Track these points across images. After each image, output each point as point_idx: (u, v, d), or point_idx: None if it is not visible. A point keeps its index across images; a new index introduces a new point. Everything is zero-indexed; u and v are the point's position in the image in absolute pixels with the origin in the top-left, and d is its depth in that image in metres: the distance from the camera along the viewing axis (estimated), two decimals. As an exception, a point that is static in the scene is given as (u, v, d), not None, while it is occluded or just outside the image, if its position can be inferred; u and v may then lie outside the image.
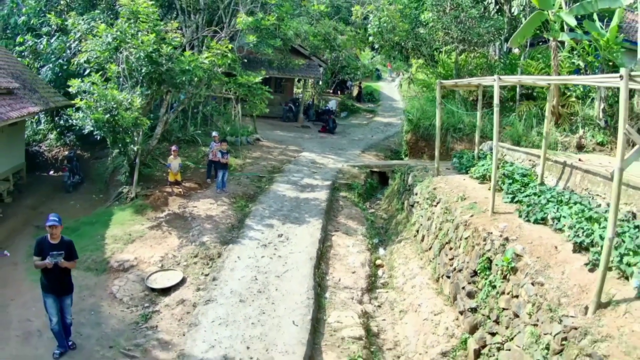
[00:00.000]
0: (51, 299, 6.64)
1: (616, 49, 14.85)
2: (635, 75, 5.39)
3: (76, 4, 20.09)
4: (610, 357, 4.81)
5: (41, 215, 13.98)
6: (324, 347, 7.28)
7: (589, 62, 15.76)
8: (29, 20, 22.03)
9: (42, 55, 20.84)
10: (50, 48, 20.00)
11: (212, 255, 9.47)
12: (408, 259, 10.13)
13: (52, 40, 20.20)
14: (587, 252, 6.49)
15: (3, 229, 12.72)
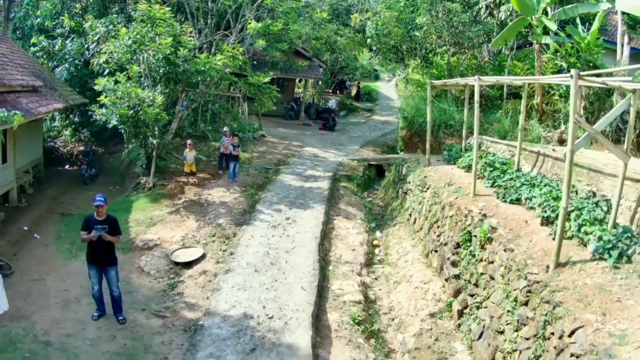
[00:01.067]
0: (94, 270, 7.60)
1: (597, 50, 16.04)
2: (584, 75, 6.58)
3: (91, 7, 21.20)
4: (564, 303, 5.99)
5: (62, 204, 15.14)
6: (328, 308, 8.47)
7: (572, 63, 16.94)
8: (43, 23, 23.14)
9: (56, 56, 21.91)
10: (65, 49, 21.09)
11: (228, 234, 10.66)
12: (402, 239, 11.33)
13: (67, 41, 21.30)
14: (552, 224, 7.68)
15: (29, 216, 13.82)
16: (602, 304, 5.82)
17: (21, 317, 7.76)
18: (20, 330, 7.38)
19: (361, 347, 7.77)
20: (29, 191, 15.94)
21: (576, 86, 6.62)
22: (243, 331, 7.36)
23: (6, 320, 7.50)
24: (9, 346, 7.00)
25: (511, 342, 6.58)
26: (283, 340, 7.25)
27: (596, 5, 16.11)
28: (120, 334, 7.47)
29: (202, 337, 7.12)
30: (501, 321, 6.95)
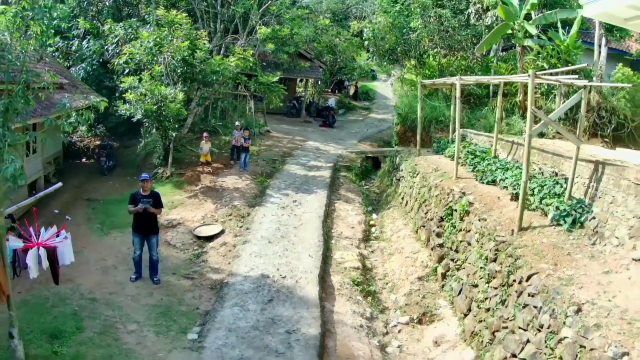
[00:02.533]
0: (138, 237, 9.01)
1: (576, 52, 17.55)
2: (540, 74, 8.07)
3: (105, 10, 22.55)
4: (524, 257, 7.47)
5: (86, 192, 16.53)
6: (332, 272, 9.96)
7: (552, 64, 18.45)
8: (59, 25, 24.52)
9: (71, 56, 23.26)
10: (82, 49, 22.45)
11: (243, 214, 12.14)
12: (395, 219, 12.83)
13: (83, 42, 22.66)
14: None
15: (58, 202, 15.20)
16: (554, 257, 7.31)
17: (67, 281, 9.10)
18: (68, 291, 8.77)
19: (360, 302, 9.26)
20: (52, 180, 17.33)
21: (533, 83, 8.12)
22: (261, 287, 8.85)
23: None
24: (60, 302, 8.37)
25: (483, 292, 8.06)
26: (295, 294, 8.74)
27: (574, 11, 17.60)
28: (157, 291, 8.93)
29: (228, 291, 8.61)
30: (475, 277, 8.44)
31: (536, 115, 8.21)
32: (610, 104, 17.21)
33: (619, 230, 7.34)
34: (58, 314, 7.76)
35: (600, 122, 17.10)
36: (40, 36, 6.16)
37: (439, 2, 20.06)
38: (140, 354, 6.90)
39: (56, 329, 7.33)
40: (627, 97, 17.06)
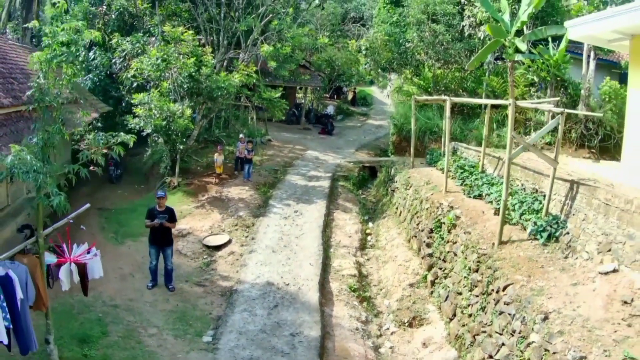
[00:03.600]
0: (154, 249, 9.91)
1: (565, 66, 18.39)
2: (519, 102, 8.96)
3: (112, 23, 23.33)
4: (502, 269, 8.38)
5: (97, 200, 17.37)
6: (330, 279, 10.87)
7: (542, 77, 19.34)
8: None
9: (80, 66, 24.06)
10: (88, 61, 23.23)
11: (248, 224, 13.03)
12: (389, 228, 13.73)
13: (90, 53, 23.46)
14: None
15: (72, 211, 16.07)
16: (529, 269, 8.21)
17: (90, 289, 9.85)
18: (91, 298, 9.61)
19: (356, 307, 10.18)
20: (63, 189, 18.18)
21: (513, 109, 9.02)
22: (267, 294, 9.75)
23: (78, 291, 9.77)
24: (85, 309, 9.24)
25: (466, 300, 8.97)
26: (298, 300, 9.64)
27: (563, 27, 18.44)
28: (172, 298, 9.82)
29: (237, 298, 9.51)
30: (460, 285, 9.34)
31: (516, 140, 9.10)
32: (597, 117, 17.97)
33: (589, 245, 8.24)
34: (84, 320, 8.63)
35: (588, 134, 17.84)
36: (71, 77, 6.97)
37: (433, 18, 20.92)
38: (162, 355, 7.80)
39: (84, 334, 8.20)
40: (614, 109, 17.77)
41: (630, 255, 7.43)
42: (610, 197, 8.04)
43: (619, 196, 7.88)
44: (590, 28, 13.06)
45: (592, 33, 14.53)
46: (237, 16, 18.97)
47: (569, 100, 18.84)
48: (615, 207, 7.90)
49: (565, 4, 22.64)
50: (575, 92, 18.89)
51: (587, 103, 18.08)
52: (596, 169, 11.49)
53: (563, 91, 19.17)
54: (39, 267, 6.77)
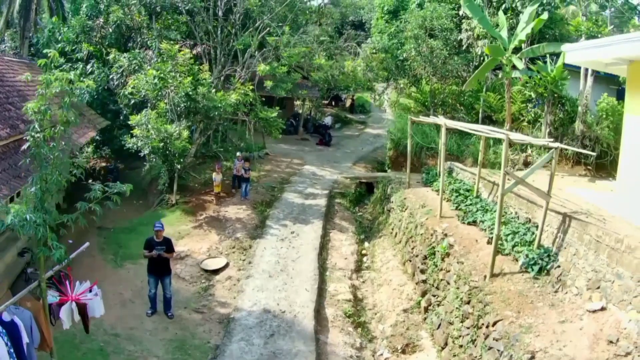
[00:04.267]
0: (153, 278, 10.08)
1: (562, 82, 18.50)
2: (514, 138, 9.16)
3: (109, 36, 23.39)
4: (492, 303, 8.57)
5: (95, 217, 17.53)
6: (326, 304, 11.05)
7: (539, 93, 19.47)
8: (64, 48, 25.40)
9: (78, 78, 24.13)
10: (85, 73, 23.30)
11: (245, 246, 13.21)
12: (385, 249, 13.92)
13: (88, 66, 23.54)
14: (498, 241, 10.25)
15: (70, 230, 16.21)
16: (519, 304, 8.39)
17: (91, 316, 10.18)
18: (93, 326, 9.76)
19: (351, 334, 10.36)
20: (63, 206, 18.31)
21: (507, 145, 9.21)
22: (264, 322, 9.93)
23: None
24: (86, 339, 9.34)
25: (457, 330, 9.16)
26: (293, 328, 9.82)
27: (560, 45, 18.57)
28: (171, 326, 10.00)
29: (235, 326, 9.68)
30: (452, 315, 9.53)
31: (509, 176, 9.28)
32: (594, 133, 18.03)
33: (578, 281, 8.42)
34: (87, 351, 8.81)
35: None
36: (66, 126, 7.08)
37: (431, 32, 21.10)
38: (160, 388, 7.97)
39: (86, 364, 8.38)
40: (611, 126, 17.87)
41: (618, 294, 7.62)
42: (601, 234, 8.21)
43: (610, 234, 8.05)
44: (588, 54, 13.23)
45: (590, 59, 14.70)
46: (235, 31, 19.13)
47: (565, 117, 19.00)
48: (605, 245, 8.08)
49: (564, 10, 22.70)
50: (573, 109, 19.01)
51: (584, 120, 18.22)
52: (590, 194, 11.60)
53: (560, 107, 19.31)
54: (42, 311, 6.94)
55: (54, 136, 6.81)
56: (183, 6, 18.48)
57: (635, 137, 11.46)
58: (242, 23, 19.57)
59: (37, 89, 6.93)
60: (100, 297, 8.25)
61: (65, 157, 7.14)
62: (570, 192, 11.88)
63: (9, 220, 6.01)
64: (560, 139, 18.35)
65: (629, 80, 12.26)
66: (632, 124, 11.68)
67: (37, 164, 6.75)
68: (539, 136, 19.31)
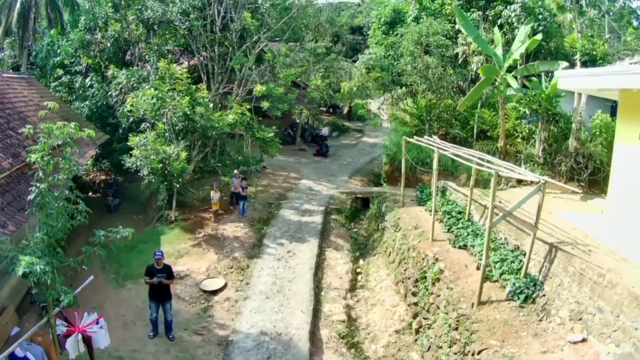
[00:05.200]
0: (154, 303, 10.46)
1: (557, 99, 18.81)
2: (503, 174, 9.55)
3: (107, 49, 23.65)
4: (478, 332, 8.96)
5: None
6: (321, 326, 11.45)
7: (534, 110, 19.80)
8: (62, 60, 25.69)
9: (76, 91, 24.37)
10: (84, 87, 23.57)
11: (243, 266, 13.59)
12: (379, 268, 14.31)
13: (87, 80, 23.80)
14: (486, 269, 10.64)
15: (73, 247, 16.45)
16: (503, 333, 8.79)
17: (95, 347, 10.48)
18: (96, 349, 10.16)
19: (344, 355, 10.75)
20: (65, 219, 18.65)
21: (495, 180, 9.60)
22: (261, 344, 10.31)
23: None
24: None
25: (446, 355, 9.55)
26: (289, 351, 10.21)
27: (555, 63, 18.90)
28: (173, 348, 10.37)
29: (233, 349, 10.07)
30: (441, 340, 9.93)
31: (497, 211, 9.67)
32: (587, 149, 18.31)
33: (562, 311, 8.82)
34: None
35: (578, 167, 18.21)
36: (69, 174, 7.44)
37: (426, 49, 21.47)
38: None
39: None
40: (604, 143, 18.13)
41: (598, 327, 8.02)
42: (585, 267, 8.61)
43: (593, 268, 8.46)
44: (580, 82, 13.64)
45: (581, 87, 15.05)
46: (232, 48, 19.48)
47: (559, 133, 19.29)
48: (588, 278, 8.48)
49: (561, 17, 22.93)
50: (567, 126, 19.28)
51: (577, 137, 18.54)
52: (579, 219, 11.87)
53: (554, 124, 19.57)
54: (52, 345, 7.32)
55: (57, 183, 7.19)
56: (180, 25, 18.78)
57: (625, 165, 11.82)
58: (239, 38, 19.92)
59: (39, 114, 7.34)
60: (106, 330, 8.60)
61: (70, 205, 7.46)
62: (560, 215, 12.21)
63: (20, 272, 6.37)
64: (554, 155, 18.64)
65: (620, 107, 12.58)
66: (623, 151, 12.01)
67: (42, 212, 7.12)
68: (532, 153, 19.65)
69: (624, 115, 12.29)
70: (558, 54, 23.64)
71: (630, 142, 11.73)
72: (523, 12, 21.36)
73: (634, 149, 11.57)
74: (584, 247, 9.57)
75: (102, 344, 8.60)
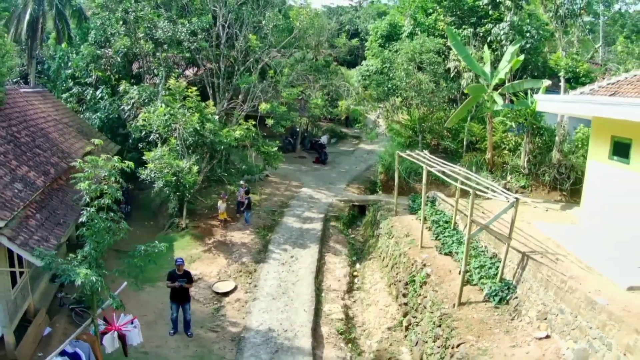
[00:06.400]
0: (175, 304, 11.83)
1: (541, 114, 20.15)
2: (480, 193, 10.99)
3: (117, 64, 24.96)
4: (457, 328, 10.37)
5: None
6: (322, 323, 12.88)
7: (520, 124, 21.19)
8: (73, 73, 26.97)
9: (87, 103, 25.65)
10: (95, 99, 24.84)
11: (250, 270, 15.00)
12: (374, 271, 15.75)
13: (97, 92, 25.04)
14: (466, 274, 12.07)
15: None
16: (479, 330, 10.21)
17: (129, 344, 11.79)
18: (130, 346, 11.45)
19: (342, 349, 12.17)
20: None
21: (473, 197, 11.02)
22: (269, 340, 11.73)
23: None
24: (121, 356, 10.94)
25: (430, 349, 10.97)
26: (294, 345, 11.63)
27: (539, 81, 20.28)
28: (191, 344, 11.75)
29: (245, 344, 11.48)
30: (426, 336, 11.35)
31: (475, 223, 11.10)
32: (570, 161, 19.65)
33: (530, 312, 10.26)
34: (122, 365, 10.54)
35: (560, 178, 19.53)
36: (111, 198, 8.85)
37: (420, 66, 22.89)
38: (186, 399, 9.74)
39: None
40: (586, 155, 19.42)
41: (560, 326, 9.47)
42: (551, 274, 10.05)
43: (557, 275, 9.89)
44: (555, 106, 15.12)
45: (557, 111, 16.49)
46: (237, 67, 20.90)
47: (544, 146, 20.67)
48: (553, 284, 9.92)
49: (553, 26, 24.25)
50: (550, 139, 20.61)
51: (560, 149, 19.93)
52: (554, 229, 13.19)
53: (539, 137, 20.93)
54: (97, 342, 8.72)
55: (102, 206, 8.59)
56: (189, 45, 20.15)
57: (596, 181, 13.27)
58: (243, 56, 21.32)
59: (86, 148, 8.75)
60: (139, 329, 9.98)
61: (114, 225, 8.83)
62: (536, 226, 13.59)
63: (79, 281, 7.73)
64: (538, 166, 20.02)
65: (593, 128, 14.01)
66: (594, 168, 13.47)
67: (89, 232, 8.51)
68: (518, 164, 21.03)
69: (595, 136, 13.73)
70: (546, 69, 25.04)
71: (600, 160, 13.21)
72: (511, 31, 22.74)
73: (603, 167, 13.05)
74: (552, 256, 11.02)
75: (135, 341, 9.97)
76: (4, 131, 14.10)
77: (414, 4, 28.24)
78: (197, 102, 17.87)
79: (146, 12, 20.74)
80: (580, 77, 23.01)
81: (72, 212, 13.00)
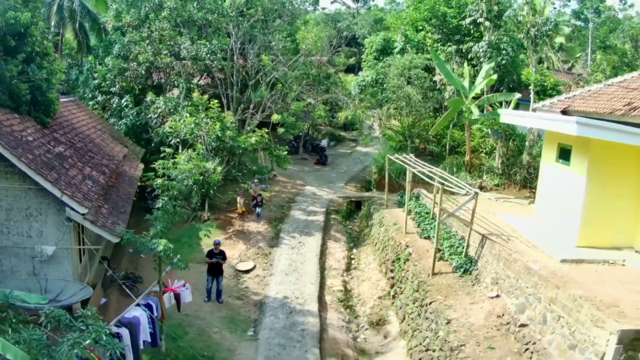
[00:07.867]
0: (210, 277, 14.93)
1: None
2: (447, 183, 14.23)
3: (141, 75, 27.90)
4: (430, 291, 13.57)
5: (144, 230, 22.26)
6: (325, 294, 16.10)
7: (495, 130, 24.39)
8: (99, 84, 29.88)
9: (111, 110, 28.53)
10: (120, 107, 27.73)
11: (266, 253, 18.19)
12: (368, 254, 18.96)
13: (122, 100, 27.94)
14: (439, 252, 15.28)
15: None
16: (447, 292, 13.39)
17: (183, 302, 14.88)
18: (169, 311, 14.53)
19: (342, 313, 15.38)
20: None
21: (442, 190, 14.23)
22: (284, 304, 14.91)
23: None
24: (168, 317, 13.96)
25: (410, 309, 14.16)
26: (304, 309, 14.81)
27: (510, 95, 23.42)
28: (223, 308, 14.92)
29: (266, 308, 14.67)
30: (408, 300, 14.55)
31: (443, 211, 14.32)
32: (538, 163, 22.62)
33: (486, 279, 13.45)
34: (170, 325, 13.63)
35: (529, 177, 22.57)
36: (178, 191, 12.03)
37: (409, 80, 26.14)
38: (224, 344, 12.92)
39: (174, 333, 13.23)
40: None
41: (507, 287, 12.64)
42: (502, 250, 13.24)
43: (506, 250, 13.06)
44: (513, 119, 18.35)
45: (516, 123, 19.69)
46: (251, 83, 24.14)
47: (515, 149, 23.81)
48: (503, 257, 13.09)
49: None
50: (521, 143, 23.71)
51: (530, 152, 23.06)
52: (514, 219, 16.27)
53: (512, 141, 24.05)
54: (162, 298, 11.89)
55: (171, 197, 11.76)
56: (210, 63, 23.29)
57: (546, 180, 16.39)
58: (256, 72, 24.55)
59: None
60: (190, 291, 13.11)
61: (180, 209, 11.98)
62: (500, 217, 16.72)
63: (160, 248, 10.87)
64: (511, 167, 23.16)
65: (545, 138, 17.02)
66: (545, 169, 16.59)
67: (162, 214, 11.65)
68: (493, 165, 24.19)
69: (547, 142, 16.89)
70: (520, 82, 28.26)
71: (550, 163, 16.38)
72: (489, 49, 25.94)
73: (552, 168, 16.22)
74: (506, 237, 14.23)
75: (188, 299, 13.13)
76: (63, 137, 17.11)
77: (405, 21, 31.55)
78: (218, 112, 21.04)
79: (169, 32, 23.81)
80: (547, 90, 26.26)
81: (128, 205, 16.06)
